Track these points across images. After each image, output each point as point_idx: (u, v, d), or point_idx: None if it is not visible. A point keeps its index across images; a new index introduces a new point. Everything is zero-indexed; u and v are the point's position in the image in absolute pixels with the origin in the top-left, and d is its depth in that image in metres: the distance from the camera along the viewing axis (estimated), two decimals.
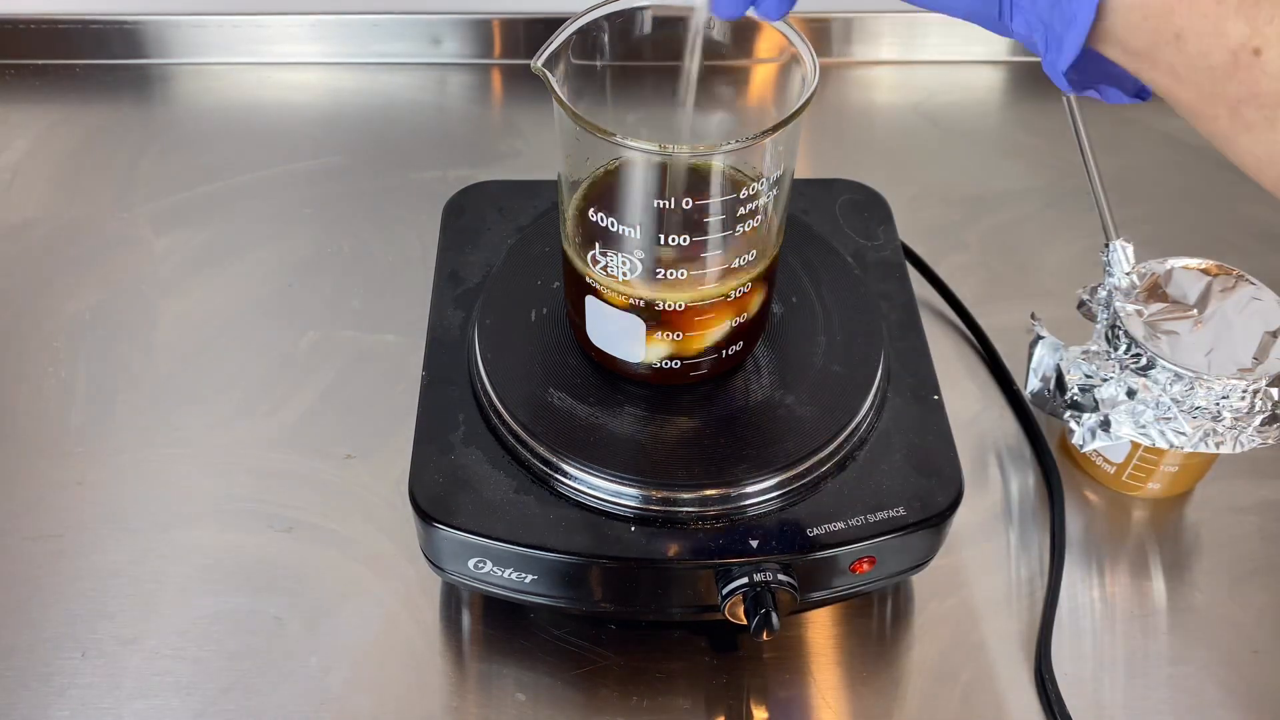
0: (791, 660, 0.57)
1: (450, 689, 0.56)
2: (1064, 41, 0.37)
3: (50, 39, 0.90)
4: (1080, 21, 0.36)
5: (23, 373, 0.69)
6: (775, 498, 0.52)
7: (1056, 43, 0.37)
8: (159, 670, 0.56)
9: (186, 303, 0.73)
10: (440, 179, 0.82)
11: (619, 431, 0.53)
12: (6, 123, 0.86)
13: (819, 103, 0.86)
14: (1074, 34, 0.36)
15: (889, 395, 0.57)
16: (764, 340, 0.57)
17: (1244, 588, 0.61)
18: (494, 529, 0.51)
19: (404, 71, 0.92)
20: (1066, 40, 0.37)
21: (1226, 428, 0.57)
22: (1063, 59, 0.37)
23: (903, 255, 0.65)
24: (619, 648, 0.57)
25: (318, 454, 0.65)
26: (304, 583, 0.59)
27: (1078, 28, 0.36)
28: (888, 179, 0.72)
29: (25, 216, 0.79)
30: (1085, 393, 0.60)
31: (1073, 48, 0.37)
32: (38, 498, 0.63)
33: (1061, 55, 0.37)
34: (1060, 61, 0.38)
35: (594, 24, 0.49)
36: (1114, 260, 0.60)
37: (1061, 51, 0.37)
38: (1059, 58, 0.37)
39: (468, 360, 0.57)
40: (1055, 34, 0.37)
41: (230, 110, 0.89)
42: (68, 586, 0.59)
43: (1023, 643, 0.58)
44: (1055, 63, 0.38)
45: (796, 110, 0.46)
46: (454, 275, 0.62)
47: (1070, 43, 0.37)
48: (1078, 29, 0.36)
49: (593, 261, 0.51)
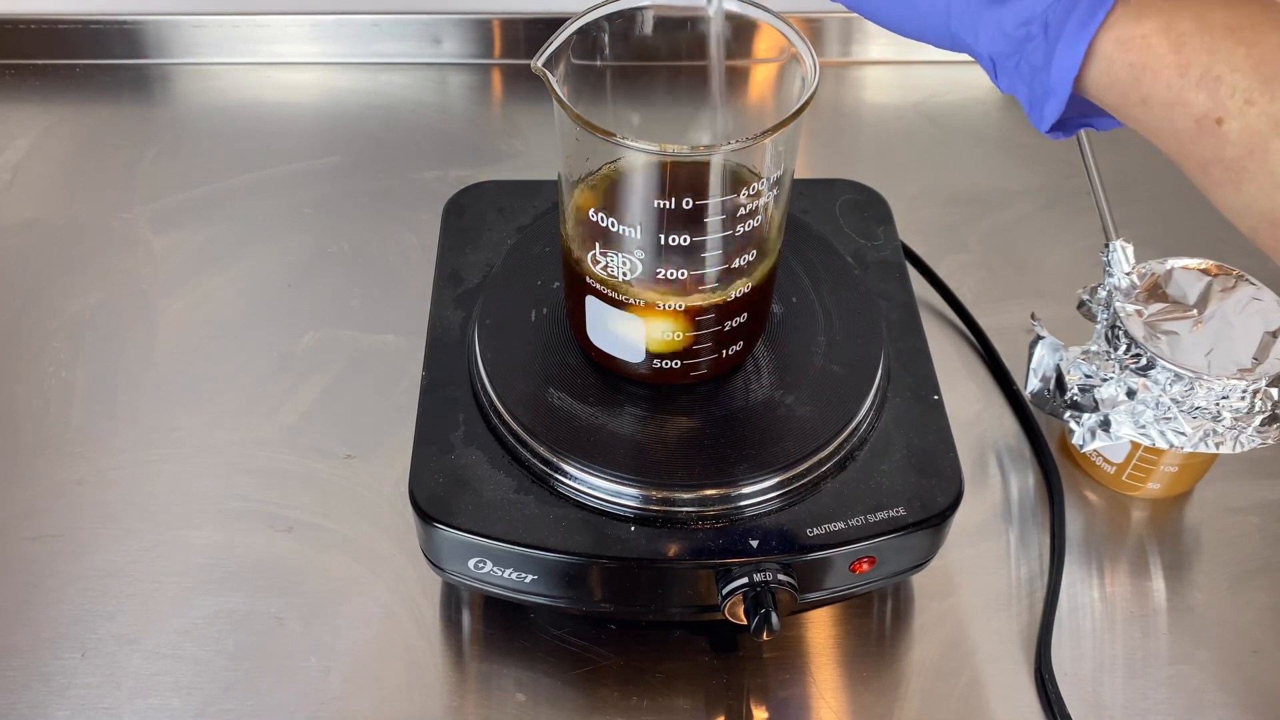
0: (791, 660, 0.57)
1: (450, 689, 0.56)
2: (1044, 108, 0.39)
3: (50, 39, 0.90)
4: (1058, 94, 0.38)
5: (23, 373, 0.69)
6: (775, 498, 0.52)
7: (1038, 106, 0.39)
8: (159, 670, 0.56)
9: (186, 303, 0.73)
10: (440, 179, 0.82)
11: (619, 431, 0.53)
12: (6, 123, 0.86)
13: (819, 103, 0.86)
14: (1053, 104, 0.38)
15: (889, 395, 0.57)
16: (764, 340, 0.57)
17: (1244, 588, 0.61)
18: (494, 529, 0.51)
19: (404, 71, 0.92)
20: (1047, 107, 0.38)
21: (1226, 428, 0.57)
22: (1044, 122, 0.39)
23: (903, 255, 0.65)
24: (619, 648, 0.57)
25: (318, 454, 0.65)
26: (304, 583, 0.59)
27: (1055, 99, 0.38)
28: (888, 179, 0.72)
29: (25, 216, 0.79)
30: (1085, 393, 0.60)
31: (1053, 114, 0.38)
32: (38, 498, 0.63)
33: (1043, 120, 0.39)
34: (1042, 124, 0.39)
35: (594, 24, 0.49)
36: (1114, 260, 0.60)
37: (1043, 116, 0.39)
38: (1040, 121, 0.39)
39: (468, 360, 0.57)
40: (1037, 99, 0.39)
41: (230, 110, 0.89)
42: (68, 586, 0.59)
43: (1023, 643, 0.58)
44: (1038, 123, 0.40)
45: (797, 110, 0.46)
46: (454, 275, 0.62)
47: (1050, 110, 0.38)
48: (1055, 100, 0.38)
49: (593, 261, 0.51)
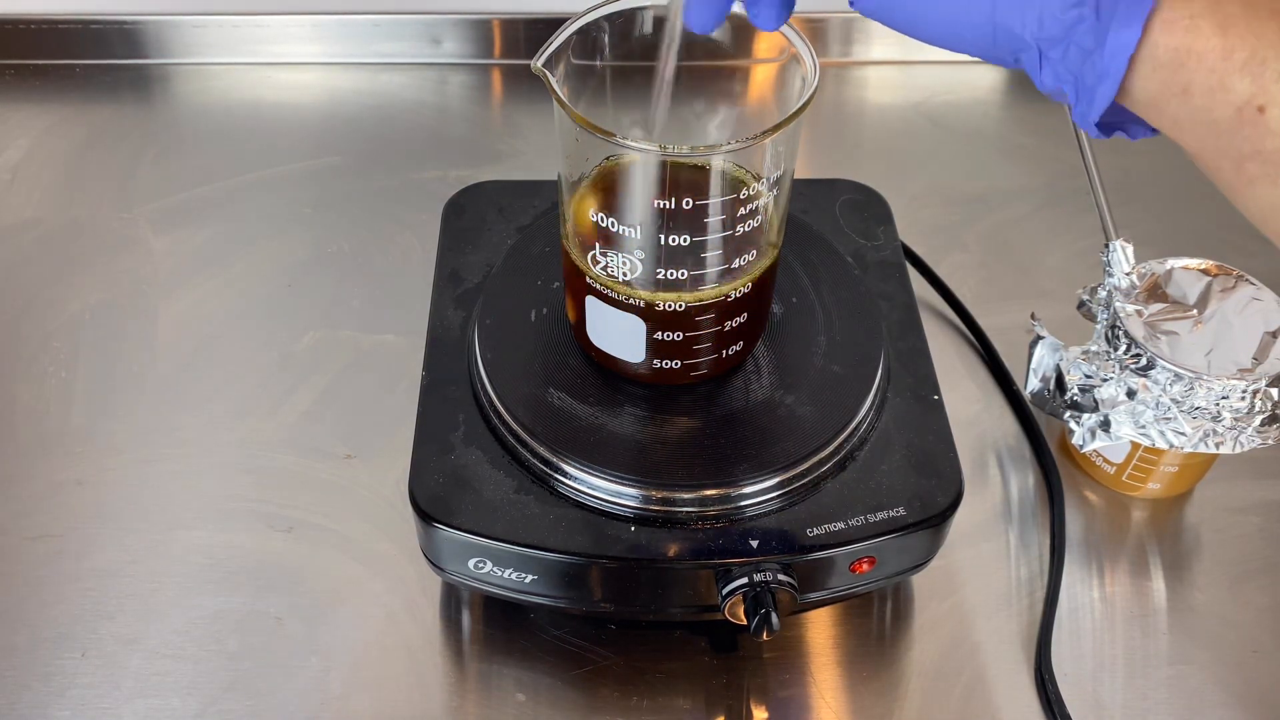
0: (791, 660, 0.57)
1: (450, 689, 0.56)
2: (1095, 94, 0.37)
3: (50, 39, 0.90)
4: (1112, 75, 0.36)
5: (23, 373, 0.69)
6: (775, 498, 0.52)
7: (1088, 95, 0.38)
8: (159, 670, 0.56)
9: (186, 303, 0.73)
10: (440, 179, 0.82)
11: (619, 431, 0.53)
12: (6, 123, 0.86)
13: (819, 103, 0.86)
14: (1105, 87, 0.37)
15: (889, 395, 0.57)
16: (764, 340, 0.57)
17: (1244, 588, 0.61)
18: (494, 529, 0.51)
19: (404, 71, 0.92)
20: (1098, 93, 0.37)
21: (1226, 428, 0.57)
22: (1094, 110, 0.38)
23: (903, 255, 0.65)
24: (619, 648, 0.57)
25: (318, 454, 0.65)
26: (304, 583, 0.59)
27: (1109, 81, 0.37)
28: (888, 179, 0.72)
29: (25, 216, 0.79)
30: (1085, 393, 0.60)
31: (1104, 99, 0.37)
32: (38, 498, 0.63)
33: (1093, 107, 0.38)
34: (1091, 113, 0.38)
35: (594, 24, 0.49)
36: (1114, 260, 0.60)
37: (1093, 104, 0.38)
38: (1090, 109, 0.38)
39: (468, 360, 0.57)
40: (1086, 86, 0.38)
41: (230, 110, 0.89)
42: (68, 586, 0.59)
43: (1023, 643, 0.58)
44: (1086, 114, 0.38)
45: (797, 110, 0.46)
46: (454, 275, 0.62)
47: (1102, 95, 0.37)
48: (1109, 82, 0.37)
49: (593, 261, 0.51)
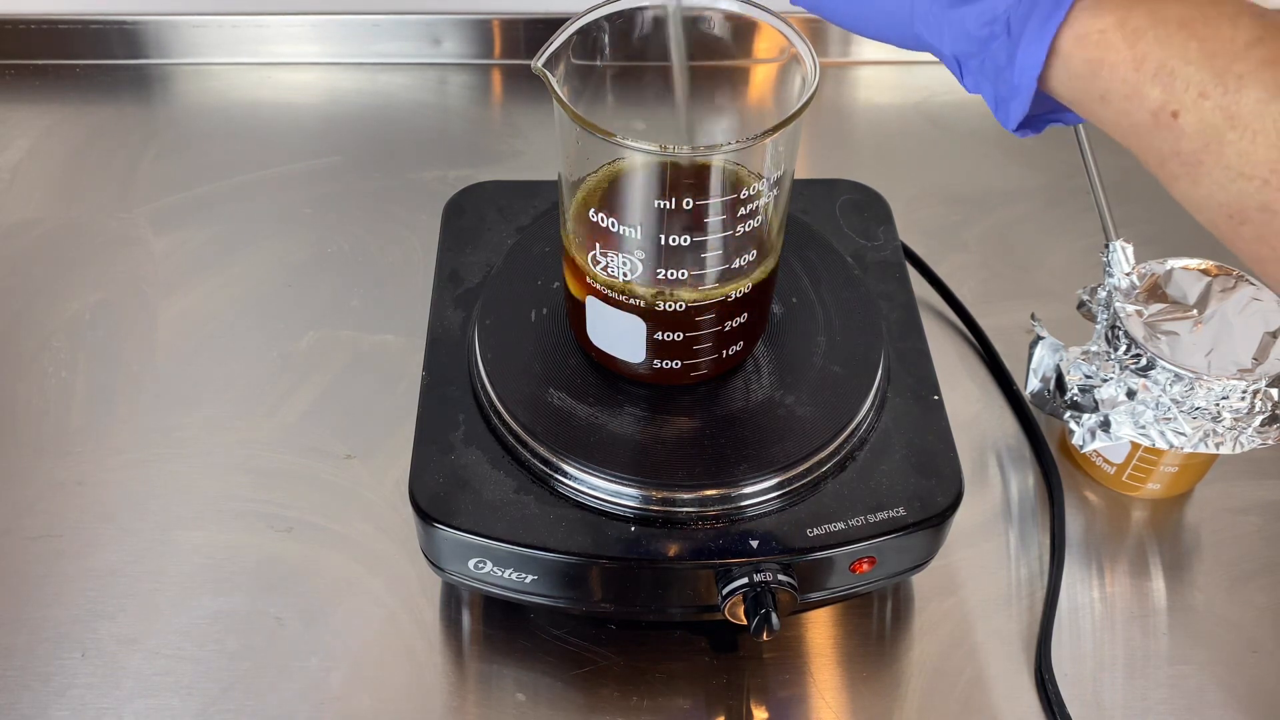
0: (791, 660, 0.57)
1: (450, 689, 0.56)
2: (1010, 106, 0.39)
3: (50, 39, 0.90)
4: (1023, 91, 0.38)
5: (23, 373, 0.69)
6: (775, 498, 0.52)
7: (1004, 106, 0.39)
8: (159, 670, 0.56)
9: (186, 303, 0.73)
10: (440, 179, 0.82)
11: (619, 432, 0.53)
12: (6, 123, 0.86)
13: (819, 103, 0.86)
14: (1018, 102, 0.38)
15: (889, 395, 0.57)
16: (764, 340, 0.57)
17: (1244, 588, 0.61)
18: (494, 529, 0.51)
19: (404, 71, 0.92)
20: (1012, 106, 0.39)
21: (1226, 428, 0.57)
22: (1010, 120, 0.39)
23: (903, 255, 0.65)
24: (619, 648, 0.57)
25: (318, 454, 0.65)
26: (304, 583, 0.59)
27: (1021, 97, 0.38)
28: (888, 179, 0.72)
29: (25, 216, 0.79)
30: (1085, 393, 0.60)
31: (1018, 112, 0.39)
32: (38, 498, 0.63)
33: (1009, 118, 0.39)
34: (1008, 122, 0.40)
35: (594, 24, 0.49)
36: (1114, 260, 0.60)
37: (1009, 115, 0.39)
38: (1006, 119, 0.40)
39: (468, 360, 0.57)
40: (1002, 99, 0.39)
41: (230, 110, 0.89)
42: (68, 586, 0.59)
43: (1023, 643, 0.58)
44: (1004, 122, 0.40)
45: (797, 110, 0.46)
46: (454, 275, 0.62)
47: (1016, 108, 0.39)
48: (1021, 98, 0.38)
49: (593, 262, 0.51)
